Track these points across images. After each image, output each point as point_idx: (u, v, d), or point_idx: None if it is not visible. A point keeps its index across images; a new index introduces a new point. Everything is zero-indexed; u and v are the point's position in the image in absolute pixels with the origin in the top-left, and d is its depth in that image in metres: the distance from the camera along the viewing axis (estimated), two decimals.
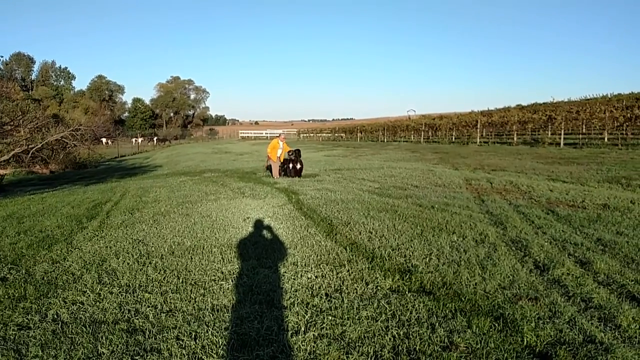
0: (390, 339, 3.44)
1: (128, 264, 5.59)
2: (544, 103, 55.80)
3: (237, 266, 5.36)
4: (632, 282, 4.48)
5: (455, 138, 39.22)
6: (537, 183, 11.93)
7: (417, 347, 3.29)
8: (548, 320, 3.68)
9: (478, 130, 35.63)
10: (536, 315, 3.79)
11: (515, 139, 31.60)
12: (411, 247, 5.96)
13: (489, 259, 5.36)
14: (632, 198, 9.17)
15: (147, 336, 3.64)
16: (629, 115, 25.24)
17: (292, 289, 4.57)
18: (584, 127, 30.80)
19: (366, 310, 3.97)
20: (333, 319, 3.82)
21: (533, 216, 7.66)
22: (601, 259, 5.19)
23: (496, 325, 3.59)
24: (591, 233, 6.42)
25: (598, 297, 4.13)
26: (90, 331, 3.75)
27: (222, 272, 5.15)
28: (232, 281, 4.86)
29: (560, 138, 26.53)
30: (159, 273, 5.18)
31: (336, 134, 66.60)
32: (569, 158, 18.67)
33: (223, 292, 4.55)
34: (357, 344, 3.37)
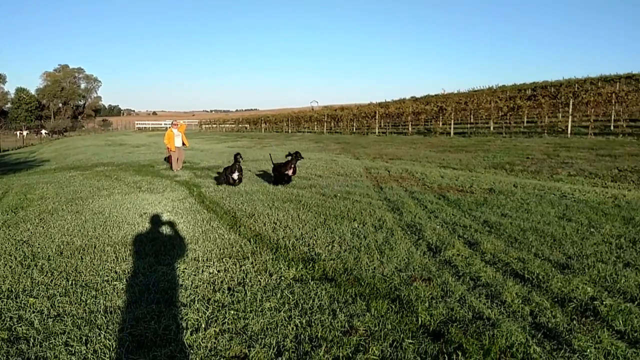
0: (292, 328, 3.45)
1: (10, 267, 5.08)
2: (435, 95, 59.29)
3: (133, 265, 5.08)
4: (516, 260, 4.88)
5: (356, 129, 40.35)
6: (430, 170, 12.63)
7: (319, 334, 3.33)
8: (440, 300, 3.91)
9: (377, 121, 36.93)
10: (430, 295, 4.00)
11: (410, 129, 33.20)
12: (315, 236, 6.03)
13: (386, 243, 5.58)
14: (515, 182, 10.04)
15: (31, 345, 3.33)
16: (511, 105, 27.55)
17: (193, 285, 4.42)
18: (472, 117, 33.17)
19: (269, 301, 3.95)
20: (235, 313, 3.76)
21: (426, 201, 8.10)
22: (488, 240, 5.61)
23: (393, 307, 3.75)
24: (479, 216, 6.91)
25: (485, 276, 4.46)
26: None
27: (116, 272, 4.85)
28: (127, 281, 4.59)
29: (450, 128, 28.32)
30: (45, 276, 4.76)
31: (240, 125, 65.66)
32: (459, 146, 20.00)
33: (117, 293, 4.29)
34: (259, 336, 3.34)
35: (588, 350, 3.00)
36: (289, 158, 10.67)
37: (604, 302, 3.72)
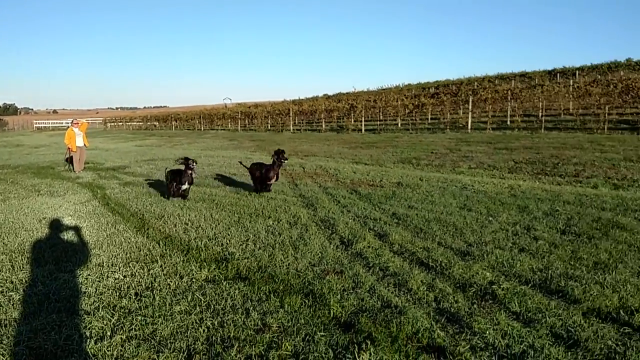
0: (204, 330, 3.37)
1: None
2: (347, 93, 60.71)
3: (31, 273, 4.70)
4: (421, 250, 5.12)
5: (270, 126, 40.26)
6: (343, 166, 12.92)
7: (232, 334, 3.29)
8: (352, 291, 4.01)
9: (291, 118, 37.10)
10: (341, 287, 4.09)
11: (323, 126, 33.72)
12: (228, 235, 5.94)
13: (301, 239, 5.63)
14: (421, 176, 10.53)
15: None
16: (416, 103, 28.93)
17: (97, 292, 4.18)
18: (381, 114, 34.34)
19: (179, 304, 3.83)
20: (143, 319, 3.60)
21: (339, 196, 8.27)
22: (396, 231, 5.83)
23: (306, 301, 3.79)
24: (388, 208, 7.17)
25: (393, 266, 4.64)
26: None
27: (12, 282, 4.47)
28: (24, 291, 4.25)
29: (361, 125, 29.15)
30: None
31: (149, 123, 62.92)
32: (369, 142, 20.62)
33: (13, 305, 3.95)
34: (169, 341, 3.22)
35: (487, 332, 3.22)
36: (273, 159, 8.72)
37: (502, 286, 4.01)
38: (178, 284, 4.34)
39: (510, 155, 13.72)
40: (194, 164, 8.37)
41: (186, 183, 8.32)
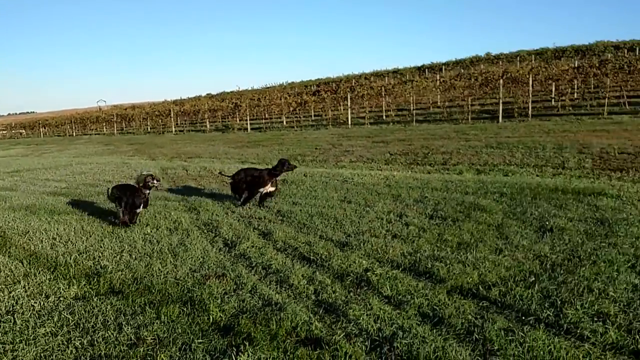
0: (72, 351, 3.13)
1: None
2: (231, 92, 60.01)
3: None
4: (304, 244, 5.23)
5: (150, 128, 38.48)
6: (229, 166, 12.74)
7: (103, 352, 3.09)
8: (233, 294, 3.98)
9: (172, 119, 35.78)
10: (223, 291, 4.04)
11: (208, 126, 33.05)
12: (101, 247, 5.58)
13: (181, 245, 5.45)
14: (305, 172, 10.74)
15: None
16: (299, 101, 29.44)
17: None
18: (266, 112, 34.42)
19: (44, 326, 3.52)
20: (2, 346, 3.26)
21: (224, 198, 8.15)
22: (280, 229, 5.89)
23: (185, 309, 3.68)
24: (273, 206, 7.20)
25: (276, 263, 4.68)
26: None
27: None
28: None
29: (247, 124, 29.02)
30: None
31: (14, 131, 56.98)
32: (256, 141, 20.60)
33: None
34: None
35: (361, 318, 3.38)
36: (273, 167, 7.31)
37: (376, 272, 4.23)
38: (43, 304, 3.98)
39: (387, 148, 14.52)
40: (156, 181, 6.51)
41: (141, 206, 6.48)
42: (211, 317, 3.53)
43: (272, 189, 7.33)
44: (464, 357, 2.82)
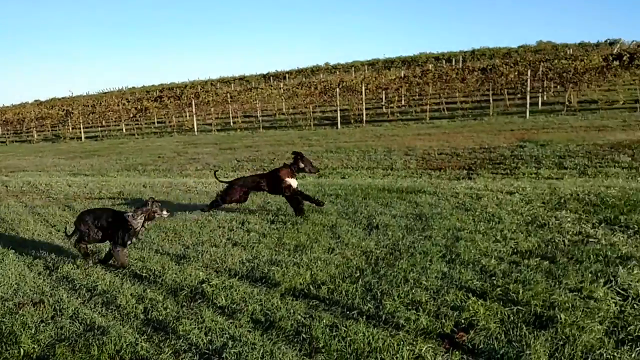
0: None
1: None
2: (62, 98, 54.67)
3: None
4: (136, 260, 4.91)
5: None
6: (57, 180, 11.56)
7: None
8: (50, 321, 3.60)
9: None
10: (39, 319, 3.64)
11: (35, 136, 29.65)
12: None
13: None
14: (145, 182, 10.21)
15: None
16: (139, 107, 27.91)
17: None
18: (103, 120, 31.98)
19: None
20: None
21: (49, 215, 7.40)
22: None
23: None
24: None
25: (103, 283, 4.35)
26: None
27: None
28: None
29: (81, 132, 26.63)
30: None
31: None
32: (91, 151, 19.02)
33: None
34: None
35: (192, 333, 3.27)
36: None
37: (211, 283, 4.15)
38: None
39: (234, 154, 14.49)
40: (156, 204, 4.94)
41: (133, 237, 4.88)
42: (22, 349, 3.15)
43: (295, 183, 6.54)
44: (290, 359, 2.91)
